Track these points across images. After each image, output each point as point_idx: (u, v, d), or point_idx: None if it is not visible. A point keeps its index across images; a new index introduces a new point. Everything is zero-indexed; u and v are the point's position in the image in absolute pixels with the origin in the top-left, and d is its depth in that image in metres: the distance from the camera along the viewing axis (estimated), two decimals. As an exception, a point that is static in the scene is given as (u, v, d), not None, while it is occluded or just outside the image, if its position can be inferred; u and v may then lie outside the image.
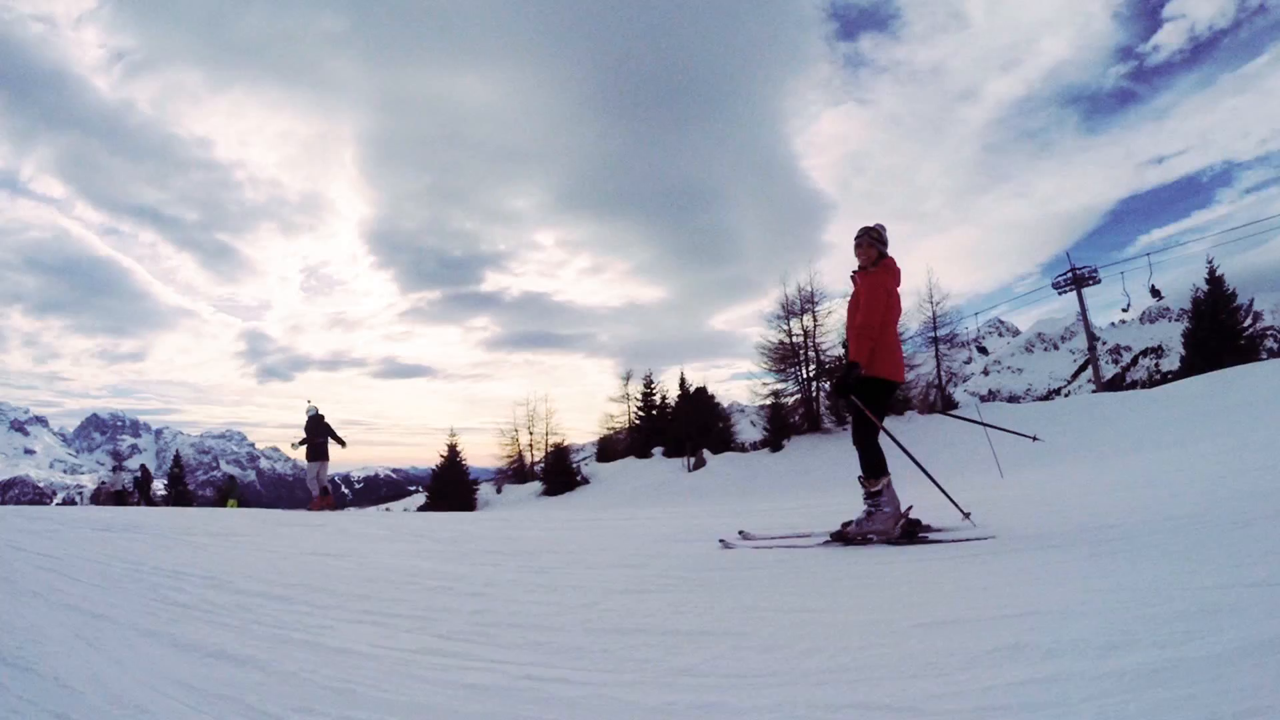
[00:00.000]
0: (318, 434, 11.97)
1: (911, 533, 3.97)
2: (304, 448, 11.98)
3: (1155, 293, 25.50)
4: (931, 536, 3.95)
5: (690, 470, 21.71)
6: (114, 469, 32.83)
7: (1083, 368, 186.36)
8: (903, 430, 3.87)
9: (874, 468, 4.09)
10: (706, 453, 22.06)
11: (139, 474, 35.11)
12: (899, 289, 4.34)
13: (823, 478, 18.81)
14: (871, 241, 4.33)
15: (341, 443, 12.14)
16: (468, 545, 5.08)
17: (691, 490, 20.26)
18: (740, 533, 4.65)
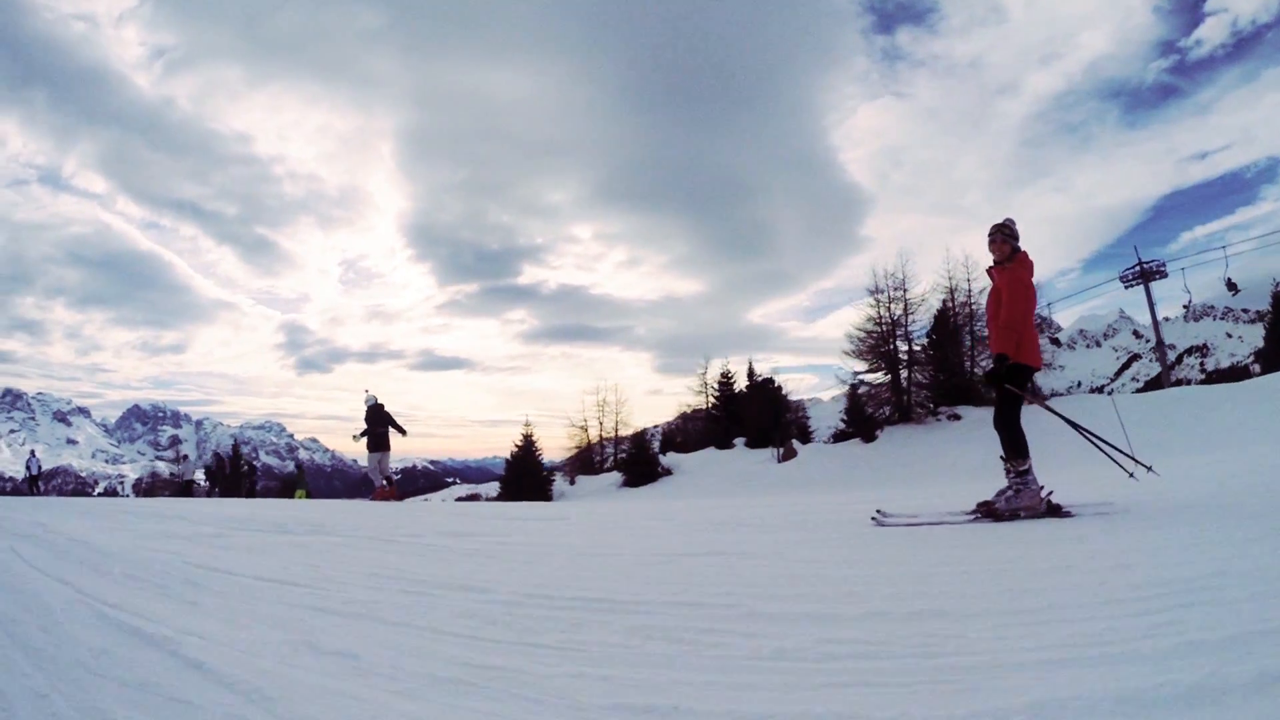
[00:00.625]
0: (378, 424, 11.60)
1: (1055, 509, 4.13)
2: (365, 439, 11.65)
3: (1231, 285, 24.23)
4: (1074, 512, 4.11)
5: (780, 461, 21.11)
6: (181, 458, 33.06)
7: (1126, 365, 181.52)
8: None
9: (1019, 448, 4.29)
10: (796, 443, 21.46)
11: (211, 464, 35.54)
12: (1033, 279, 4.47)
13: (923, 469, 18.09)
14: (1005, 238, 4.45)
15: (402, 431, 11.86)
16: (825, 531, 4.42)
17: (784, 481, 19.65)
18: (879, 511, 4.60)
